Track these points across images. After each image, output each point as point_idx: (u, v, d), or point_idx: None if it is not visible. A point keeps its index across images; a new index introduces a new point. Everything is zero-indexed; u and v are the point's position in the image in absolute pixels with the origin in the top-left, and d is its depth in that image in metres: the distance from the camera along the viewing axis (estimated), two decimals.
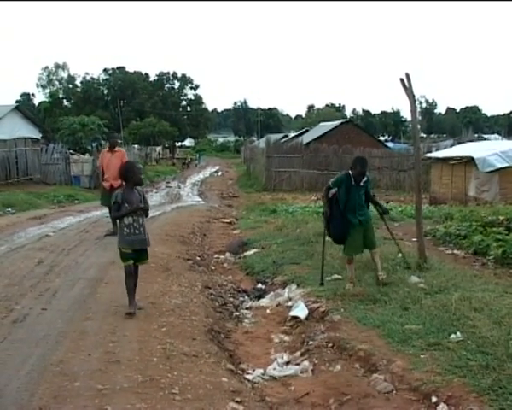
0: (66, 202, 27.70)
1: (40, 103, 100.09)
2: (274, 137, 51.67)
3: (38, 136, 40.91)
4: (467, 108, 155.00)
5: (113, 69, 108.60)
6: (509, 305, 7.68)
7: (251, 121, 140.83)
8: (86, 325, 7.62)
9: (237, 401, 5.53)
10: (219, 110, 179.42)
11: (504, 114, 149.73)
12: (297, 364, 7.12)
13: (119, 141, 16.44)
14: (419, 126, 12.77)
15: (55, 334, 7.19)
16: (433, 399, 5.47)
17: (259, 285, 11.12)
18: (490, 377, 5.49)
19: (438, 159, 27.46)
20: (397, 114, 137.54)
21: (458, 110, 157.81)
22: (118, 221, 8.37)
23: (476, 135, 65.55)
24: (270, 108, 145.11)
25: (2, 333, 7.17)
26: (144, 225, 8.18)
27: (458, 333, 6.71)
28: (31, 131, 40.14)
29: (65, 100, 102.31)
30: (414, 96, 10.41)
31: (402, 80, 10.29)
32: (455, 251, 12.86)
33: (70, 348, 6.65)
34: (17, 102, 74.83)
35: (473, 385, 5.43)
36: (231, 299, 10.33)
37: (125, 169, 8.31)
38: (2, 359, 6.27)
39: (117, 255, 12.78)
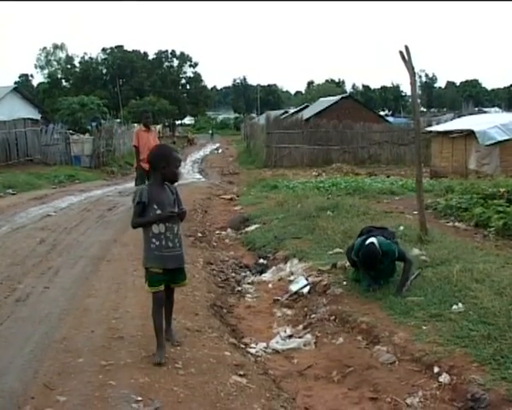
0: (67, 182, 27.71)
1: (39, 84, 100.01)
2: (274, 113, 51.66)
3: (38, 117, 40.81)
4: (467, 81, 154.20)
5: (111, 48, 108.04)
6: (510, 276, 7.68)
7: (250, 98, 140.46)
8: (89, 303, 7.64)
9: (240, 375, 5.55)
10: (219, 88, 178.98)
11: (504, 88, 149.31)
12: (300, 337, 7.14)
13: (150, 119, 15.99)
14: (419, 100, 12.72)
15: (57, 312, 7.22)
16: (436, 369, 5.49)
17: (261, 260, 11.12)
18: (491, 347, 5.51)
19: (438, 132, 27.42)
20: (396, 88, 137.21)
21: (458, 84, 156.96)
22: (142, 229, 5.76)
23: (476, 108, 65.51)
24: (269, 85, 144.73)
25: (5, 312, 7.19)
26: (180, 236, 5.85)
27: (460, 304, 6.72)
28: (30, 112, 40.07)
29: (63, 80, 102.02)
30: (413, 69, 10.34)
31: (401, 53, 10.22)
32: (456, 224, 12.85)
33: (73, 326, 6.67)
34: (15, 83, 74.52)
35: (474, 355, 5.45)
36: (233, 274, 10.35)
37: (156, 155, 5.77)
38: (6, 337, 6.30)
39: (118, 233, 12.94)
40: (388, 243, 7.79)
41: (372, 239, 7.70)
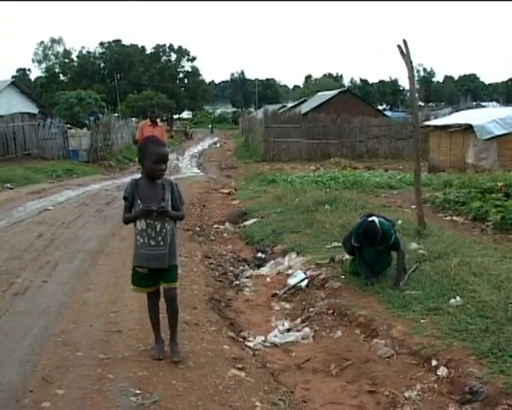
0: (65, 177, 27.64)
1: (36, 78, 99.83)
2: (272, 107, 51.52)
3: (35, 111, 40.80)
4: (465, 76, 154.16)
5: (109, 42, 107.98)
6: (508, 269, 7.70)
7: (248, 92, 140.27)
8: (87, 297, 7.64)
9: (239, 368, 5.56)
10: (217, 82, 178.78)
11: (502, 82, 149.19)
12: (298, 331, 7.16)
13: (156, 114, 15.57)
14: (417, 95, 12.68)
15: (56, 306, 7.21)
16: (434, 362, 5.50)
17: (259, 254, 11.14)
18: (489, 341, 5.52)
19: (436, 127, 27.45)
20: (395, 82, 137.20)
21: (456, 78, 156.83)
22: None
23: (474, 103, 65.34)
24: (267, 79, 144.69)
25: (3, 306, 7.18)
26: (166, 234, 5.37)
27: (458, 298, 6.73)
28: (28, 107, 40.04)
29: (61, 75, 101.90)
30: (411, 62, 10.34)
31: (399, 47, 10.22)
32: (454, 218, 12.87)
33: (71, 319, 6.67)
34: (13, 77, 74.39)
35: (472, 348, 5.46)
36: (231, 268, 10.36)
37: (138, 148, 5.72)
38: (4, 331, 6.29)
39: (116, 227, 12.93)
40: (388, 226, 7.86)
41: (373, 217, 7.81)
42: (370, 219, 7.79)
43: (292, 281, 8.84)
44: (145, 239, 5.34)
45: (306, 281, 8.64)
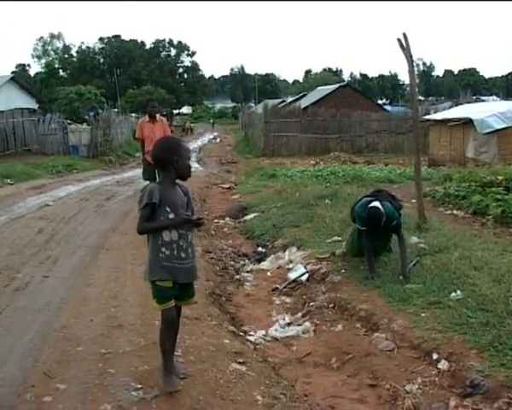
0: (65, 172, 27.62)
1: (36, 74, 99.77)
2: (272, 102, 51.42)
3: (35, 106, 40.72)
4: (465, 70, 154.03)
5: (108, 38, 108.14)
6: (508, 263, 7.71)
7: (248, 87, 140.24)
8: (88, 292, 7.65)
9: (240, 362, 5.57)
10: (216, 77, 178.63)
11: (502, 76, 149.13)
12: (298, 325, 7.17)
13: (156, 108, 13.41)
14: (417, 89, 12.66)
15: (57, 301, 7.22)
16: (434, 356, 5.51)
17: (260, 249, 11.14)
18: (490, 334, 5.53)
19: (436, 121, 27.41)
20: (394, 77, 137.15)
21: (456, 72, 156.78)
22: (148, 236, 4.90)
23: (474, 97, 65.38)
24: (267, 74, 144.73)
25: (4, 301, 7.19)
26: (194, 246, 4.96)
27: (458, 291, 6.74)
28: (27, 102, 39.96)
29: (61, 70, 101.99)
30: (411, 56, 10.32)
31: (399, 41, 10.21)
32: (454, 211, 12.86)
33: (72, 314, 6.68)
34: (13, 73, 74.31)
35: (473, 342, 5.47)
36: (232, 263, 10.36)
37: (165, 149, 4.77)
38: (6, 326, 6.30)
39: (116, 222, 12.95)
40: (392, 210, 7.92)
41: (376, 203, 7.83)
42: (373, 204, 7.82)
43: (292, 275, 8.85)
44: (174, 251, 4.67)
45: (307, 275, 8.65)
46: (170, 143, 4.87)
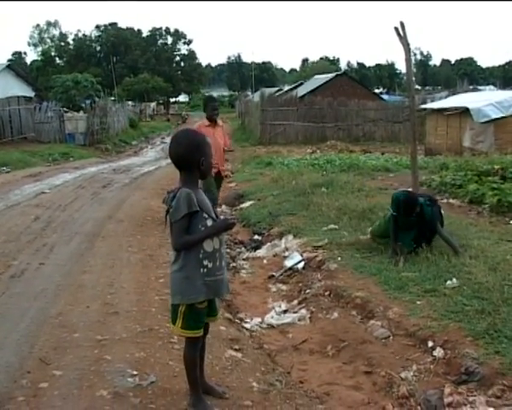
0: (61, 160, 27.65)
1: (32, 62, 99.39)
2: (268, 90, 51.35)
3: (31, 94, 40.68)
4: (462, 59, 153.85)
5: (105, 26, 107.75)
6: (504, 252, 7.76)
7: (245, 76, 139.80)
8: (84, 279, 7.66)
9: (236, 349, 5.58)
10: (213, 65, 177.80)
11: (499, 66, 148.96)
12: (294, 312, 7.17)
13: (218, 111, 10.79)
14: (414, 78, 12.70)
15: (53, 288, 7.23)
16: (430, 343, 5.51)
17: (256, 236, 11.13)
18: (485, 322, 5.54)
19: (433, 110, 27.42)
20: (391, 66, 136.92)
21: (453, 62, 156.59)
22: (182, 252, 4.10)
23: (471, 87, 65.18)
24: (264, 62, 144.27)
25: (0, 288, 7.20)
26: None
27: (454, 279, 6.76)
28: (24, 90, 39.92)
29: (57, 58, 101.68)
30: (408, 44, 10.30)
31: (396, 29, 10.18)
32: (450, 200, 12.89)
33: (68, 301, 6.69)
34: (9, 61, 74.09)
35: (468, 329, 5.48)
36: (228, 250, 10.33)
37: (189, 147, 4.09)
38: (2, 313, 6.30)
39: (112, 209, 12.97)
40: (430, 211, 8.07)
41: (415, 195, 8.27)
42: (411, 189, 8.20)
43: (288, 263, 8.85)
44: (217, 262, 4.12)
45: (303, 263, 8.65)
46: (196, 141, 4.16)
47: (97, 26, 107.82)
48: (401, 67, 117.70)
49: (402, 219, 8.13)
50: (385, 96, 63.58)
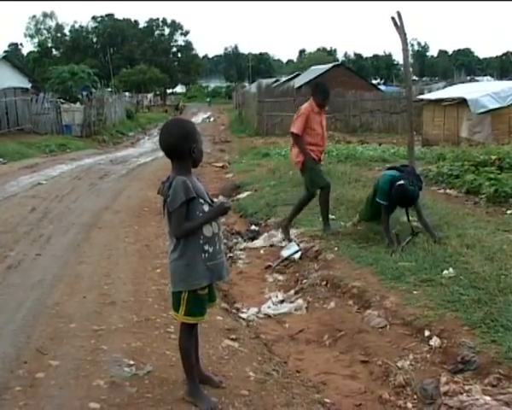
0: (58, 151, 27.59)
1: (29, 53, 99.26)
2: (265, 81, 51.18)
3: (28, 86, 40.49)
4: (459, 50, 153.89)
5: (101, 17, 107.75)
6: (500, 241, 7.76)
7: (242, 67, 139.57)
8: (81, 269, 7.66)
9: (232, 339, 5.59)
10: (210, 56, 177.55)
11: (497, 57, 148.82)
12: (291, 302, 7.18)
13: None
14: (411, 69, 12.64)
15: (49, 278, 7.24)
16: (426, 333, 5.52)
17: (253, 227, 11.12)
18: (482, 311, 5.55)
19: (430, 101, 27.39)
20: (389, 57, 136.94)
21: (450, 53, 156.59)
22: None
23: (468, 77, 65.31)
24: (261, 53, 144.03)
25: None
26: None
27: (451, 269, 6.76)
28: (20, 81, 39.76)
29: (54, 49, 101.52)
30: (405, 34, 10.29)
31: (393, 19, 10.18)
32: (447, 191, 12.91)
33: (65, 292, 6.69)
34: (5, 52, 73.87)
35: (465, 319, 5.48)
36: (225, 241, 10.34)
37: (179, 136, 4.07)
38: None
39: (109, 200, 12.96)
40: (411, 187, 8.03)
41: (402, 181, 7.99)
42: (400, 182, 7.99)
43: (285, 253, 8.85)
44: (217, 245, 4.17)
45: (300, 253, 8.66)
46: (186, 129, 4.15)
47: (94, 17, 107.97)
48: (398, 58, 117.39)
49: (394, 207, 8.36)
50: (382, 87, 63.51)
